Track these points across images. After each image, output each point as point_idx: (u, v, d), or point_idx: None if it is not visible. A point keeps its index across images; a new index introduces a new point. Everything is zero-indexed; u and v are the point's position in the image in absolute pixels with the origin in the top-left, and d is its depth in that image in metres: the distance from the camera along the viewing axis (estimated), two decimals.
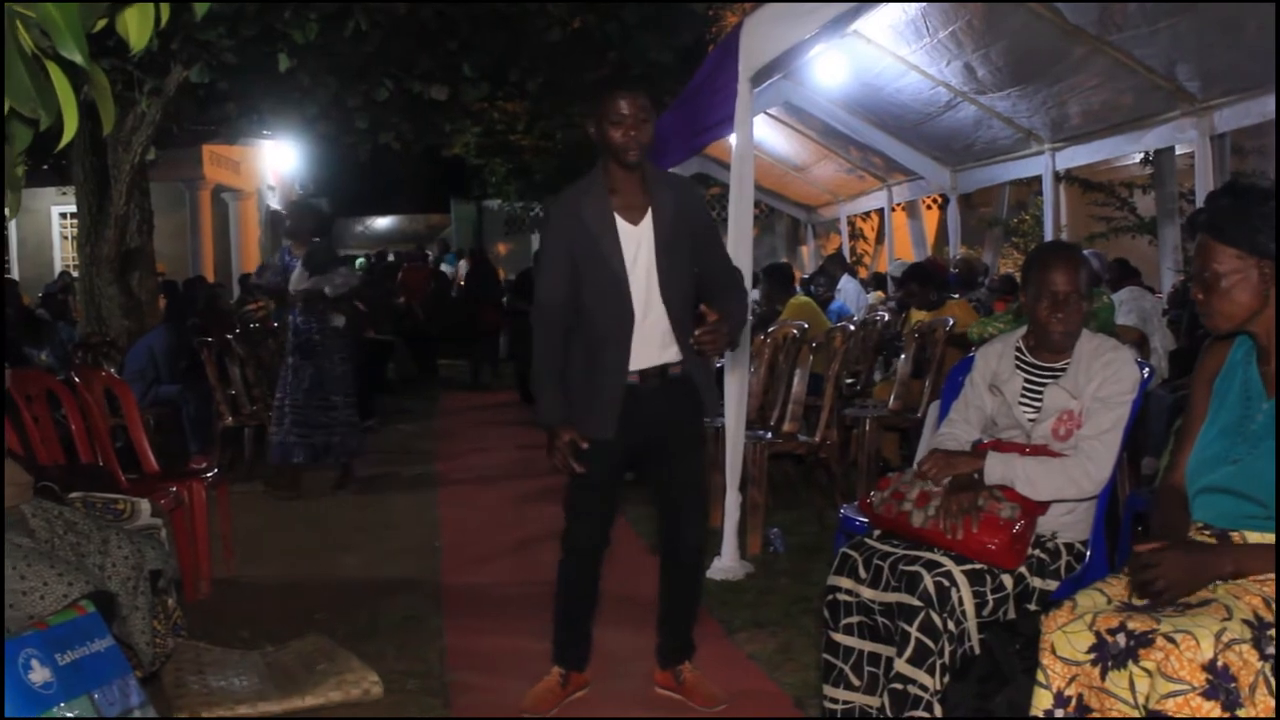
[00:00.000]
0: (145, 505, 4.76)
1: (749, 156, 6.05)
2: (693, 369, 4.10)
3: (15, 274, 20.06)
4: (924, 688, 3.30)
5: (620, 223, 3.98)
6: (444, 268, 23.71)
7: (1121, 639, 2.64)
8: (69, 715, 3.30)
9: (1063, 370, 3.69)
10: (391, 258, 22.61)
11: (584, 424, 4.01)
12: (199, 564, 5.89)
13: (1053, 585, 3.54)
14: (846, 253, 16.99)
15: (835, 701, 3.58)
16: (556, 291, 3.99)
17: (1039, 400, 3.70)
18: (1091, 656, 2.69)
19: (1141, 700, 2.58)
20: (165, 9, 2.31)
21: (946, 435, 3.89)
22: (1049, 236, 10.41)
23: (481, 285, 17.40)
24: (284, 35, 9.10)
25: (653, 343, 4.03)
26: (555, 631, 4.35)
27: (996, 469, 3.55)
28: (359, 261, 23.62)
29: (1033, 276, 3.71)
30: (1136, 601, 2.79)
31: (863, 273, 17.34)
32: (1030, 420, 3.70)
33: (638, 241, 3.97)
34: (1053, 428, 3.64)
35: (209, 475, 6.27)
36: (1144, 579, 2.74)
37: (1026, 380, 3.76)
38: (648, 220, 3.98)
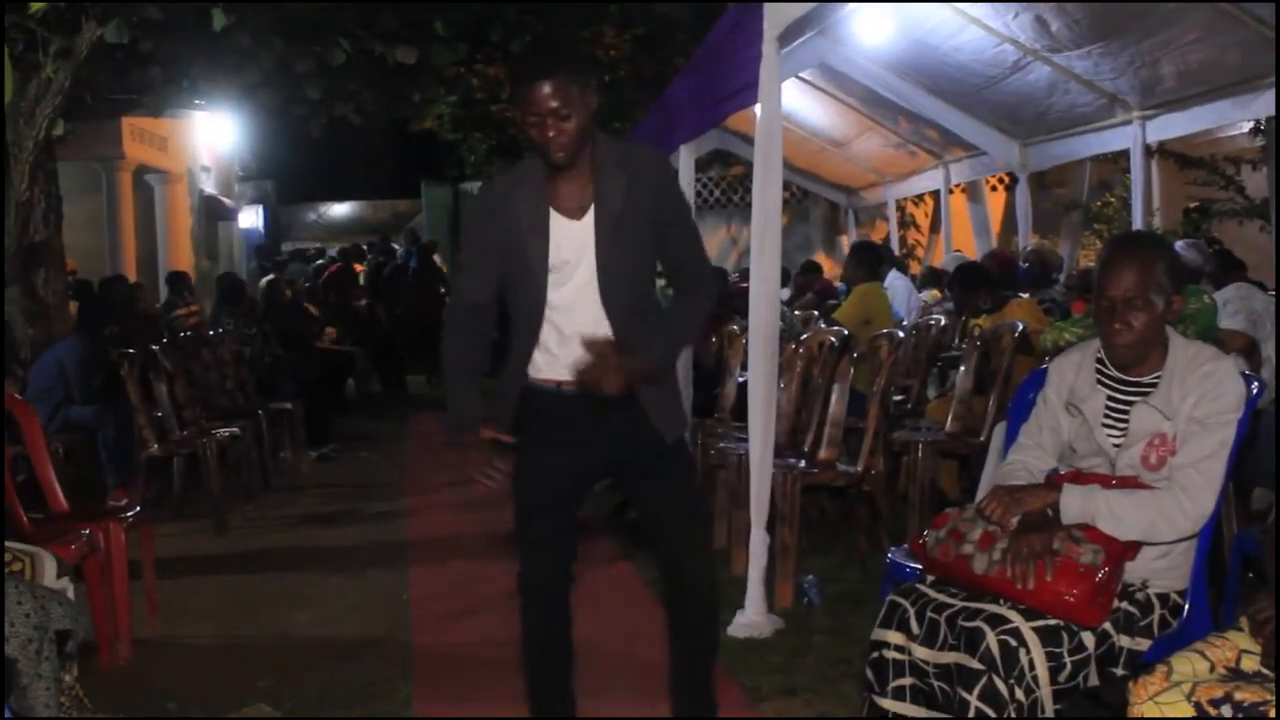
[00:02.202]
0: (49, 562, 4.74)
1: (777, 130, 6.04)
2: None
3: None
4: None
5: (557, 219, 3.96)
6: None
7: (1227, 711, 2.62)
8: None
9: (1153, 386, 3.68)
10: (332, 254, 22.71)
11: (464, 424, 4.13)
12: (117, 622, 5.87)
13: (1144, 645, 3.53)
14: (895, 243, 16.99)
15: None
16: (471, 293, 4.13)
17: (1125, 421, 3.68)
18: None
19: None
20: None
21: (1016, 464, 3.88)
22: (1138, 223, 10.38)
23: (429, 281, 17.53)
24: None
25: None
26: (529, 695, 4.32)
27: (1075, 504, 3.53)
28: (318, 262, 23.64)
29: (1096, 276, 3.72)
30: (1247, 668, 2.78)
31: (914, 267, 17.32)
32: (1115, 446, 3.68)
33: (580, 241, 3.95)
34: (1142, 454, 3.62)
35: (129, 514, 6.26)
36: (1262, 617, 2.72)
37: (1110, 398, 3.74)
38: (590, 216, 3.96)
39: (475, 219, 4.15)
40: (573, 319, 3.97)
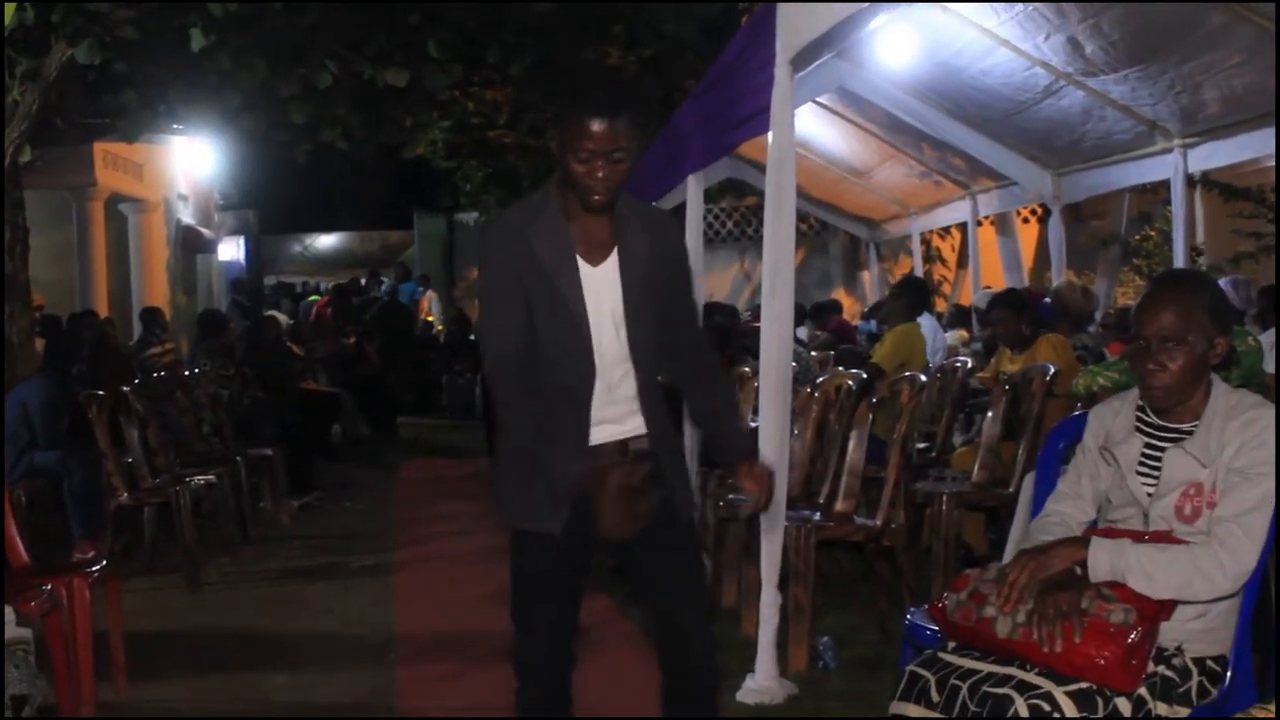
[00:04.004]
0: (8, 614, 4.73)
1: (790, 158, 6.05)
2: (661, 449, 4.08)
3: None
4: None
5: (580, 264, 3.96)
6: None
7: None
8: None
9: (1190, 432, 3.68)
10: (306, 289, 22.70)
11: (526, 512, 4.03)
12: (79, 685, 5.82)
13: (1182, 713, 3.51)
14: None
15: None
16: (513, 337, 3.95)
17: (1160, 469, 3.68)
18: None
19: None
20: None
21: (1052, 515, 3.88)
22: (1179, 259, 10.39)
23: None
24: (198, 3, 9.16)
25: (612, 413, 4.04)
26: None
27: (1103, 560, 3.52)
28: (312, 297, 23.67)
29: (1134, 314, 3.74)
30: None
31: (940, 305, 17.32)
32: (1148, 495, 3.68)
33: (598, 288, 3.96)
34: (1176, 504, 3.62)
35: (96, 569, 6.25)
36: None
37: (1147, 445, 3.74)
38: (612, 262, 3.97)
39: (493, 257, 4.02)
40: (599, 376, 4.01)
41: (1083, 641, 3.40)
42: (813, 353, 11.57)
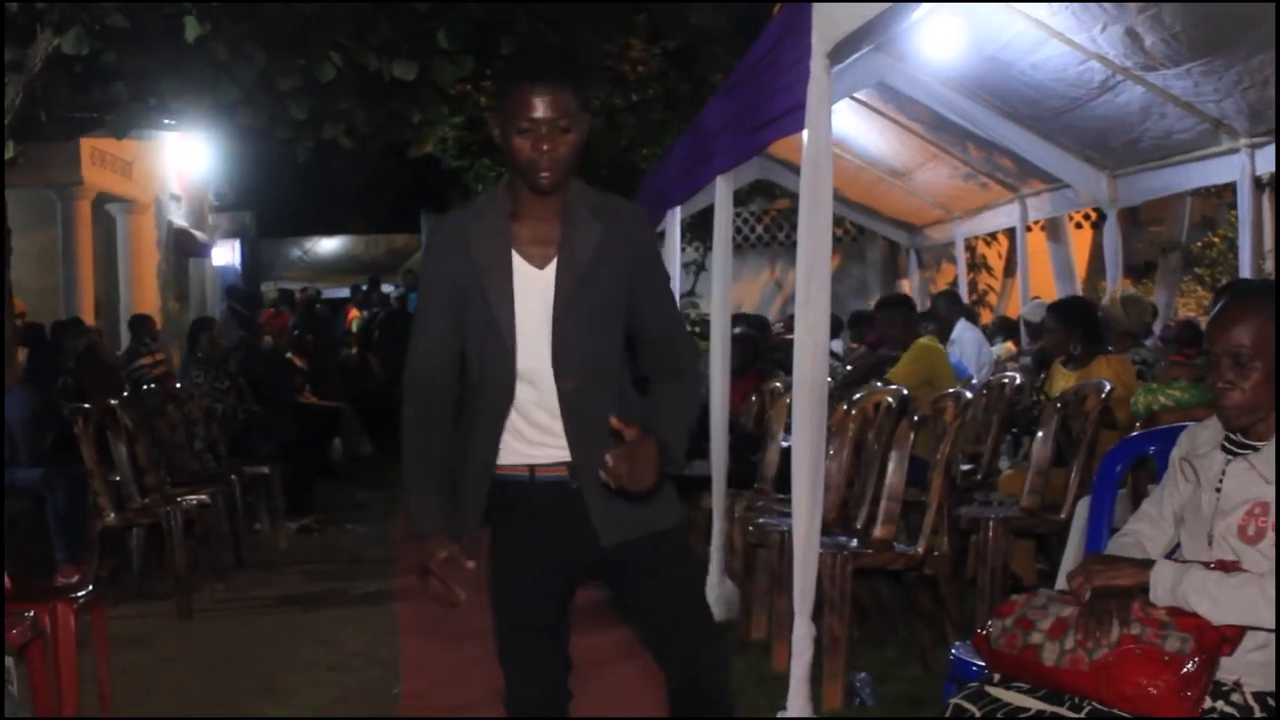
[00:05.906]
0: None
1: (826, 159, 6.05)
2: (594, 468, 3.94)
3: None
4: None
5: (519, 263, 3.91)
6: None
7: None
8: None
9: (1259, 447, 3.68)
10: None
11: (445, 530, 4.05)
12: (63, 717, 5.87)
13: None
14: (964, 289, 16.96)
15: None
16: (434, 350, 4.01)
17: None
18: None
19: None
20: None
21: (1128, 536, 3.91)
22: (1245, 269, 10.36)
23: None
24: None
25: (558, 427, 3.97)
26: None
27: (1166, 579, 3.53)
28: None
29: (1208, 325, 3.74)
30: None
31: (985, 316, 17.30)
32: (1214, 514, 3.68)
33: (542, 290, 3.90)
34: (1240, 524, 3.63)
35: (81, 594, 6.28)
36: None
37: (1228, 462, 3.75)
38: (554, 266, 3.90)
39: (428, 263, 4.06)
40: (534, 388, 3.95)
41: (1135, 670, 3.40)
42: (849, 367, 11.56)
